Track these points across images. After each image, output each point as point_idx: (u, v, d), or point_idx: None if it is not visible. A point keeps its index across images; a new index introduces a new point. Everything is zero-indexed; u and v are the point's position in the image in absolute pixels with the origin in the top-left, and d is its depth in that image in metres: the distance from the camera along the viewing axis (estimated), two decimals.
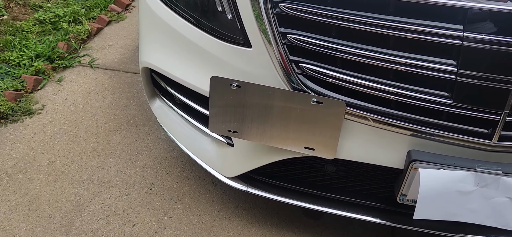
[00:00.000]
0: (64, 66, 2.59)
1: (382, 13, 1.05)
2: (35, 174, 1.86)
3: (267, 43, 1.16)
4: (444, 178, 1.13)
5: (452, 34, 1.00)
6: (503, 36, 0.97)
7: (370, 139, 1.21)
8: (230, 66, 1.27)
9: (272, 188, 1.50)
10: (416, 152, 1.17)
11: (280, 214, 1.73)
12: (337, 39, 1.11)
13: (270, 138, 1.25)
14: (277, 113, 1.20)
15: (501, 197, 1.13)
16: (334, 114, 1.16)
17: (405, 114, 1.14)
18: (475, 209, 1.16)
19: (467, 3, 0.97)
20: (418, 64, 1.06)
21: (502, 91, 1.03)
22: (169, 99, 1.63)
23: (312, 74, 1.16)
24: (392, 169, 1.24)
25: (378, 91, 1.12)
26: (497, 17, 0.97)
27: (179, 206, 1.75)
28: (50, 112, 2.23)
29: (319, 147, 1.22)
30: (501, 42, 0.98)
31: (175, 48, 1.39)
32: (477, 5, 0.97)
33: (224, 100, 1.23)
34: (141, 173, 1.89)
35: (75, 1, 3.27)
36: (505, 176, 1.11)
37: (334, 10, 1.07)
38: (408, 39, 1.04)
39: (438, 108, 1.10)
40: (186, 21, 1.33)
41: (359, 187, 1.44)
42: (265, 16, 1.14)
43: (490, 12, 0.97)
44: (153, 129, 2.13)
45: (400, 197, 1.25)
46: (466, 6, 0.98)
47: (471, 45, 1.00)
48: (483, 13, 0.98)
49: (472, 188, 1.14)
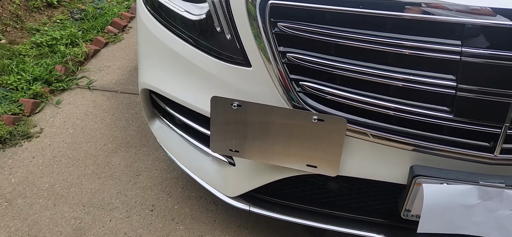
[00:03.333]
0: (62, 89, 2.59)
1: (380, 31, 1.06)
2: (34, 199, 1.84)
3: (267, 62, 1.17)
4: (448, 193, 1.13)
5: (450, 49, 1.01)
6: (501, 50, 0.98)
7: (372, 155, 1.21)
8: (230, 85, 1.27)
9: (274, 206, 1.49)
10: (419, 167, 1.17)
11: (283, 232, 1.72)
12: (336, 57, 1.12)
13: (272, 157, 1.25)
14: (278, 132, 1.20)
15: (505, 210, 1.13)
16: (336, 131, 1.16)
17: (406, 130, 1.14)
18: (479, 222, 1.15)
19: (464, 19, 0.98)
20: (417, 79, 1.06)
21: (502, 105, 1.03)
22: (169, 119, 1.62)
23: (312, 92, 1.16)
24: (395, 185, 1.24)
25: (379, 107, 1.12)
26: (493, 31, 0.98)
27: (181, 227, 1.73)
28: (48, 135, 2.22)
29: (322, 164, 1.22)
30: (498, 56, 0.98)
31: (174, 69, 1.40)
32: (473, 20, 0.98)
33: (225, 119, 1.23)
34: (141, 194, 1.87)
35: (72, 24, 3.28)
36: (508, 189, 1.11)
37: (332, 28, 1.08)
38: (407, 55, 1.05)
39: (439, 122, 1.10)
40: (185, 42, 1.34)
41: (362, 203, 1.44)
42: (264, 36, 1.14)
43: (487, 27, 0.98)
44: (153, 150, 2.12)
45: (404, 212, 1.25)
46: (463, 22, 0.99)
47: (469, 60, 1.00)
48: (480, 28, 0.99)
49: (476, 202, 1.13)
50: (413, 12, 1.01)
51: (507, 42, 0.98)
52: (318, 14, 1.09)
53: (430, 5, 1.01)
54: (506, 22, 0.97)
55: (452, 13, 0.99)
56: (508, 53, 0.98)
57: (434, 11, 1.00)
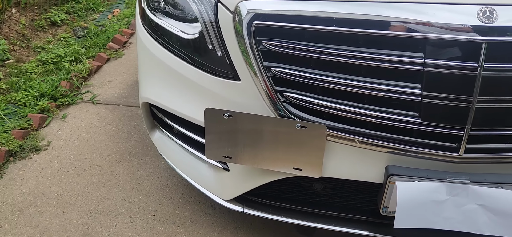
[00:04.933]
0: (67, 104, 2.72)
1: (353, 46, 1.19)
2: (44, 207, 1.97)
3: (254, 76, 1.30)
4: (419, 190, 1.26)
5: (414, 61, 1.14)
6: (459, 61, 1.11)
7: (352, 158, 1.33)
8: (222, 98, 1.40)
9: (267, 207, 1.61)
10: (393, 167, 1.29)
11: (276, 232, 1.84)
12: (315, 70, 1.24)
13: (261, 161, 1.38)
14: (266, 138, 1.33)
15: (472, 204, 1.25)
16: (317, 136, 1.28)
17: (381, 134, 1.27)
18: (449, 217, 1.27)
19: (425, 34, 1.11)
20: (387, 88, 1.19)
21: (463, 109, 1.16)
22: (168, 130, 1.75)
23: (295, 102, 1.29)
24: (374, 184, 1.36)
25: (355, 114, 1.25)
26: (452, 44, 1.11)
27: (181, 230, 1.86)
28: (56, 148, 2.35)
29: (306, 167, 1.35)
30: (457, 66, 1.11)
31: (172, 84, 1.53)
32: (434, 35, 1.11)
33: (218, 129, 1.36)
34: (144, 200, 2.00)
35: (75, 41, 3.43)
36: (473, 185, 1.23)
37: (310, 44, 1.21)
38: (377, 67, 1.18)
39: (409, 127, 1.23)
40: (180, 59, 1.47)
41: (347, 202, 1.56)
42: (250, 52, 1.27)
43: (446, 40, 1.11)
44: (154, 159, 2.25)
45: (383, 209, 1.37)
46: (425, 36, 1.12)
47: (431, 70, 1.13)
48: (440, 41, 1.11)
49: (445, 197, 1.25)
50: (380, 29, 1.14)
51: (463, 54, 1.11)
52: (297, 32, 1.22)
53: (395, 23, 1.14)
54: (462, 36, 1.10)
55: (414, 29, 1.12)
56: (464, 63, 1.11)
57: (398, 27, 1.13)
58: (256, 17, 1.24)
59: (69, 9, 3.96)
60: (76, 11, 3.99)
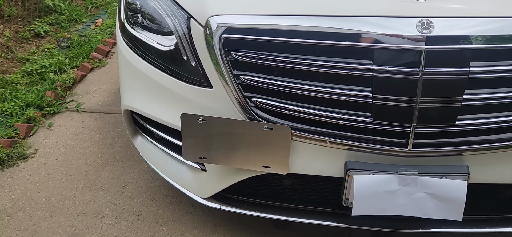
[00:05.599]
0: (53, 112, 2.83)
1: (311, 55, 1.34)
2: (33, 211, 2.08)
3: (225, 83, 1.44)
4: (374, 182, 1.41)
5: (364, 68, 1.29)
6: (402, 67, 1.26)
7: (315, 155, 1.48)
8: (197, 104, 1.53)
9: (242, 204, 1.74)
10: (351, 162, 1.44)
11: (252, 227, 1.98)
12: (279, 77, 1.39)
13: (234, 161, 1.51)
14: (238, 140, 1.47)
15: (420, 193, 1.41)
16: (283, 137, 1.43)
17: (339, 133, 1.42)
18: (400, 204, 1.43)
19: (373, 44, 1.27)
20: (342, 92, 1.34)
21: (408, 109, 1.31)
22: (149, 135, 1.88)
23: (262, 106, 1.43)
24: (336, 178, 1.50)
25: (316, 116, 1.39)
26: (396, 52, 1.26)
27: (164, 228, 1.98)
28: (42, 155, 2.46)
29: (274, 165, 1.49)
30: (401, 71, 1.27)
31: (151, 92, 1.65)
32: (380, 45, 1.26)
33: (194, 132, 1.49)
34: (128, 202, 2.12)
35: (59, 52, 3.53)
36: (421, 176, 1.39)
37: (274, 54, 1.35)
38: (333, 73, 1.33)
39: (363, 126, 1.38)
40: (158, 69, 1.60)
41: (314, 196, 1.70)
42: (221, 62, 1.41)
43: (391, 49, 1.26)
44: (137, 163, 2.37)
45: (344, 200, 1.51)
46: (372, 46, 1.27)
47: (379, 75, 1.28)
48: (386, 50, 1.27)
49: (397, 187, 1.41)
50: (333, 40, 1.29)
51: (406, 60, 1.26)
52: (262, 43, 1.36)
53: (346, 34, 1.29)
54: (404, 45, 1.25)
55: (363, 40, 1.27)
56: (407, 68, 1.26)
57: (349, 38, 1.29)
58: (225, 30, 1.38)
59: (52, 20, 4.05)
60: (59, 22, 4.09)
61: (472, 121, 1.34)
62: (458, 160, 1.41)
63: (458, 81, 1.27)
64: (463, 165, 1.40)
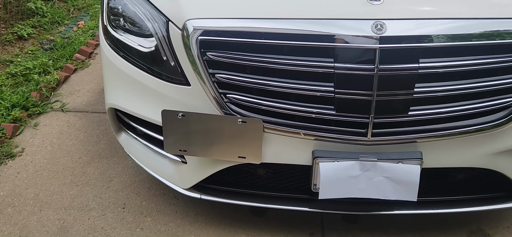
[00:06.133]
0: (38, 113, 2.92)
1: (279, 54, 1.48)
2: (22, 207, 2.18)
3: (201, 81, 1.57)
4: (338, 168, 1.56)
5: (326, 65, 1.44)
6: (360, 64, 1.41)
7: (285, 145, 1.62)
8: (176, 100, 1.66)
9: (221, 193, 1.88)
10: (317, 151, 1.58)
11: (232, 216, 2.11)
12: (251, 74, 1.52)
13: (211, 153, 1.65)
14: (215, 133, 1.60)
15: (379, 177, 1.56)
16: (255, 129, 1.56)
17: (307, 124, 1.56)
18: (363, 188, 1.58)
19: (333, 44, 1.41)
20: (308, 88, 1.48)
21: (366, 102, 1.46)
22: (133, 131, 2.00)
23: (237, 101, 1.57)
24: (305, 166, 1.65)
25: (285, 109, 1.54)
26: (354, 51, 1.41)
27: (148, 219, 2.11)
28: (30, 154, 2.55)
29: (249, 155, 1.63)
30: (359, 68, 1.42)
31: (133, 91, 1.77)
32: (340, 45, 1.41)
33: (174, 127, 1.62)
34: (114, 196, 2.24)
35: (42, 54, 3.61)
36: (380, 162, 1.55)
37: (245, 54, 1.49)
38: (299, 71, 1.47)
39: (328, 118, 1.52)
40: (140, 69, 1.72)
41: (287, 184, 1.85)
42: (198, 62, 1.54)
43: (349, 48, 1.41)
44: (122, 159, 2.48)
45: (313, 186, 1.66)
46: (333, 45, 1.42)
47: (340, 72, 1.43)
48: (345, 49, 1.42)
49: (358, 173, 1.56)
50: (298, 41, 1.44)
51: (363, 58, 1.41)
52: (235, 44, 1.49)
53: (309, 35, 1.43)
54: (361, 45, 1.40)
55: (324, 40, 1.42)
56: (364, 65, 1.41)
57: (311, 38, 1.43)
58: (201, 33, 1.51)
59: (35, 23, 4.12)
60: (42, 24, 4.16)
61: (423, 112, 1.50)
62: (413, 147, 1.57)
63: (409, 76, 1.42)
64: (417, 151, 1.56)
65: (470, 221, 2.06)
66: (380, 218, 2.07)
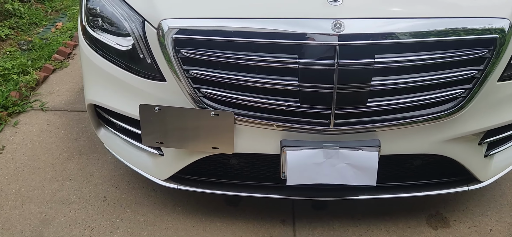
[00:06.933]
0: (18, 112, 2.98)
1: (248, 51, 1.60)
2: (4, 201, 2.25)
3: (176, 77, 1.68)
4: (303, 155, 1.69)
5: (291, 61, 1.57)
6: (321, 59, 1.55)
7: (256, 136, 1.74)
8: (153, 96, 1.76)
9: (196, 183, 1.98)
10: (285, 140, 1.71)
11: (208, 206, 2.23)
12: (222, 70, 1.64)
13: (187, 144, 1.76)
14: (189, 125, 1.71)
15: (341, 164, 1.70)
16: (227, 121, 1.68)
17: (275, 116, 1.69)
18: (327, 174, 1.72)
19: (296, 41, 1.54)
20: (275, 82, 1.61)
21: (328, 94, 1.59)
22: (112, 126, 2.09)
23: (209, 95, 1.68)
24: (274, 155, 1.78)
25: (254, 102, 1.66)
26: (316, 47, 1.55)
27: (128, 210, 2.20)
28: (10, 151, 2.61)
29: (222, 146, 1.74)
30: (320, 63, 1.55)
31: (112, 87, 1.87)
32: (303, 42, 1.54)
33: (151, 120, 1.73)
34: (94, 189, 2.32)
35: (21, 54, 3.65)
36: (342, 149, 1.68)
37: (217, 51, 1.61)
38: (266, 66, 1.60)
39: (294, 110, 1.65)
40: (118, 66, 1.82)
41: (259, 173, 1.97)
42: (173, 59, 1.65)
43: (311, 45, 1.54)
44: (102, 155, 2.57)
45: (282, 174, 1.79)
46: (296, 43, 1.54)
47: (303, 67, 1.56)
48: (307, 46, 1.55)
49: (322, 160, 1.69)
50: (264, 39, 1.56)
51: (324, 54, 1.55)
52: (207, 42, 1.61)
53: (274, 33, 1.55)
54: (322, 42, 1.53)
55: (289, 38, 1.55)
56: (325, 61, 1.54)
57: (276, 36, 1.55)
58: (175, 32, 1.62)
59: (12, 24, 4.15)
60: (20, 26, 4.19)
61: (380, 103, 1.64)
62: (372, 135, 1.71)
63: (366, 70, 1.56)
64: (375, 139, 1.70)
65: (429, 206, 2.23)
66: (346, 204, 2.21)
